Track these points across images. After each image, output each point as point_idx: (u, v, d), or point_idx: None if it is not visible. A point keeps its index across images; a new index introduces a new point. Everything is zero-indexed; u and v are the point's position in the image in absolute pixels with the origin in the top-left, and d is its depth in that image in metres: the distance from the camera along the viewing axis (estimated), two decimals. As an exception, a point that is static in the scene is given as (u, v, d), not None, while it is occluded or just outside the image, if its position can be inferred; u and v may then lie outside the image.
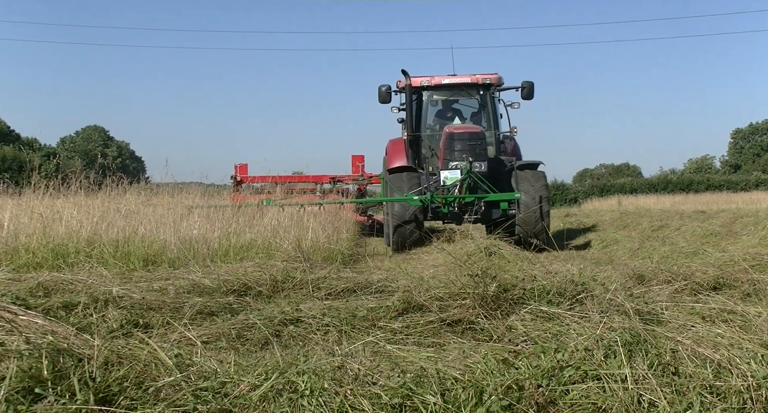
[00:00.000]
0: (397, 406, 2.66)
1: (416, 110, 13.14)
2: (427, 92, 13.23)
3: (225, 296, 5.07)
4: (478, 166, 11.50)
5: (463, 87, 13.25)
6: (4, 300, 4.00)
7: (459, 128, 12.00)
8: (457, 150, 11.56)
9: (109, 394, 2.60)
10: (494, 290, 4.30)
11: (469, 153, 11.44)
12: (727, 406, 2.69)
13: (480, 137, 11.83)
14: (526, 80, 12.85)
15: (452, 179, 11.51)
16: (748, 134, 72.90)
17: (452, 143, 11.66)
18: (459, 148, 11.58)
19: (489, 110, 13.19)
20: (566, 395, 2.76)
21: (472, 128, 12.14)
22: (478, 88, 13.22)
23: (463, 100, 13.65)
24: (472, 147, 11.58)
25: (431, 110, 13.45)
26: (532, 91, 12.80)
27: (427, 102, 13.27)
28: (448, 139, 11.71)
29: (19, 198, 9.38)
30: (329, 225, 10.55)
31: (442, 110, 13.53)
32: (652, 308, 4.06)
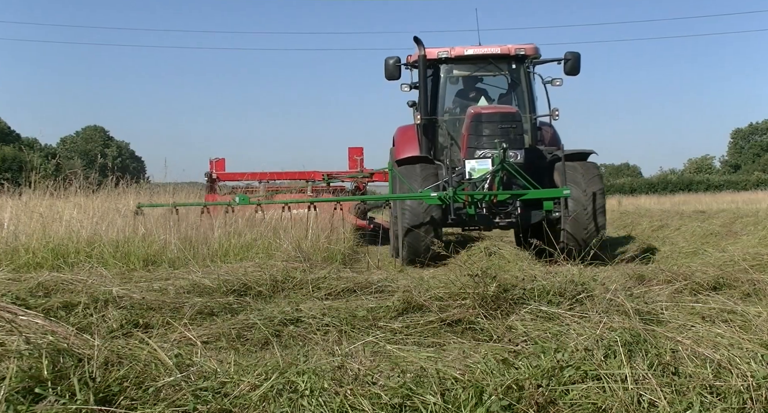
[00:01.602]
0: (397, 406, 2.65)
1: (432, 88, 10.57)
2: (446, 66, 10.64)
3: (225, 296, 5.07)
4: (514, 155, 9.15)
5: (490, 60, 10.54)
6: (4, 300, 4.01)
7: (488, 108, 9.69)
8: (486, 135, 9.28)
9: (109, 394, 2.60)
10: (494, 290, 4.30)
11: (502, 138, 9.05)
12: (727, 406, 2.69)
13: (515, 118, 9.43)
14: (570, 51, 10.31)
15: (481, 172, 9.13)
16: (748, 134, 72.92)
17: (480, 126, 9.34)
18: (488, 132, 9.28)
19: (523, 89, 10.64)
20: (566, 395, 2.76)
21: (505, 108, 9.83)
22: (510, 61, 10.60)
23: (488, 79, 11.10)
24: (505, 131, 9.24)
25: (450, 89, 10.85)
26: (578, 64, 10.28)
27: (445, 79, 10.68)
28: (474, 121, 9.38)
29: (19, 198, 9.38)
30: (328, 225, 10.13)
31: (464, 89, 10.97)
32: (652, 308, 4.06)
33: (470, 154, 9.33)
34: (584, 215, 8.96)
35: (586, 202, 9.02)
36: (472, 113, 9.50)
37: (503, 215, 9.15)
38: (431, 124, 10.49)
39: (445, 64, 10.59)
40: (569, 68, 10.24)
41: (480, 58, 10.57)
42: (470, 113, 9.55)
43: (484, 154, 9.19)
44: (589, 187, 9.14)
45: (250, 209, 9.92)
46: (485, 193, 8.96)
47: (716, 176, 53.49)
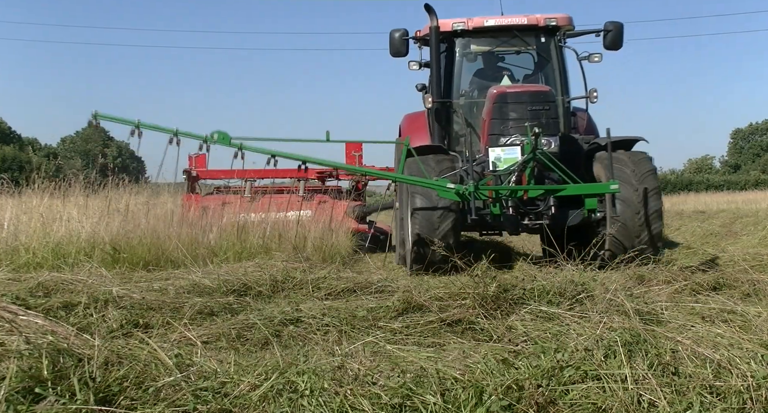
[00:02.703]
0: (397, 406, 2.66)
1: (446, 67, 8.90)
2: (462, 41, 8.93)
3: (225, 296, 5.08)
4: (547, 143, 7.53)
5: (515, 33, 8.82)
6: (4, 300, 4.01)
7: (515, 87, 8.20)
8: (513, 119, 7.70)
9: (109, 394, 2.60)
10: (494, 290, 4.30)
11: (532, 122, 7.38)
12: (727, 406, 2.69)
13: (548, 98, 7.89)
14: (611, 21, 8.60)
15: (508, 162, 7.47)
16: (748, 134, 72.92)
17: (505, 108, 7.77)
18: (516, 115, 7.71)
19: (554, 66, 8.94)
20: (566, 395, 2.76)
21: (535, 87, 8.36)
22: (539, 33, 8.85)
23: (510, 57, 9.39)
24: (536, 114, 7.66)
25: (467, 68, 9.19)
26: (621, 37, 8.59)
27: (461, 56, 9.00)
28: (498, 103, 7.82)
29: (19, 198, 9.38)
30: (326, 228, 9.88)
31: (483, 68, 9.32)
32: (652, 308, 4.06)
33: (493, 142, 7.72)
34: (635, 219, 7.29)
35: (638, 203, 7.31)
36: (495, 94, 7.91)
37: (533, 216, 7.51)
38: (445, 109, 8.86)
39: (461, 37, 8.90)
40: (610, 42, 8.54)
41: (503, 31, 8.86)
42: (493, 94, 7.96)
43: (512, 141, 7.60)
44: (642, 183, 7.41)
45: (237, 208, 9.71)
46: (514, 188, 7.26)
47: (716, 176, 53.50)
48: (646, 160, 7.72)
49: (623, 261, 5.60)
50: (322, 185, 13.02)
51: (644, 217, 7.28)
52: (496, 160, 7.58)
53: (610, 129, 7.49)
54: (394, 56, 8.87)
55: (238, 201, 10.80)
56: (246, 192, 11.75)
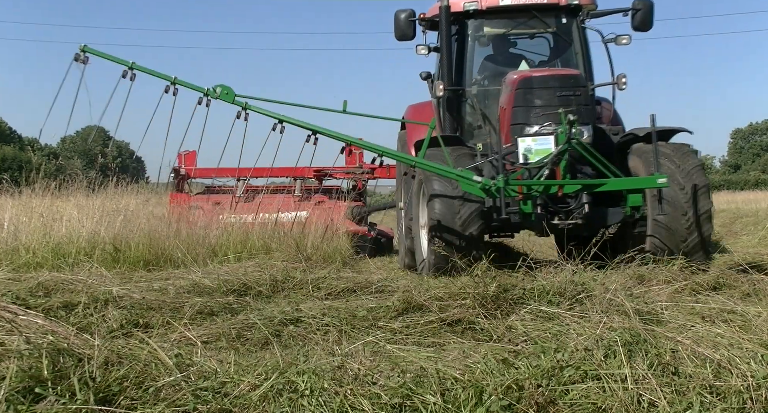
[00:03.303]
0: (397, 406, 2.66)
1: (457, 51, 8.16)
2: (475, 23, 8.14)
3: (225, 296, 5.08)
4: (579, 133, 6.68)
5: (534, 12, 8.03)
6: (4, 300, 4.01)
7: (541, 71, 7.45)
8: (539, 106, 6.97)
9: (109, 394, 2.60)
10: (494, 290, 4.30)
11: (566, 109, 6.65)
12: (727, 406, 2.69)
13: (578, 82, 7.15)
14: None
15: (539, 153, 6.64)
16: (748, 134, 72.92)
17: (530, 94, 7.04)
18: (542, 102, 6.97)
19: (576, 50, 8.11)
20: (566, 395, 2.76)
21: (564, 70, 7.63)
22: (559, 13, 8.08)
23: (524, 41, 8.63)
24: (566, 100, 6.89)
25: (478, 53, 8.39)
26: (651, 16, 7.81)
27: (473, 40, 8.20)
28: (521, 89, 7.08)
29: (19, 198, 9.38)
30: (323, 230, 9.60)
31: (495, 54, 8.53)
32: (652, 308, 4.06)
33: (515, 132, 6.93)
34: (682, 221, 6.42)
35: (685, 203, 6.46)
36: (518, 79, 7.16)
37: (563, 215, 6.66)
38: (456, 97, 8.06)
39: (473, 19, 8.11)
40: (639, 22, 7.77)
41: (519, 11, 8.07)
42: (513, 80, 7.21)
43: (539, 130, 6.81)
44: (689, 180, 6.52)
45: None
46: (549, 182, 6.49)
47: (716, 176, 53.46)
48: (691, 153, 6.85)
49: (623, 261, 5.59)
50: (320, 185, 12.43)
51: (693, 219, 6.43)
52: (526, 151, 6.71)
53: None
54: (399, 40, 8.21)
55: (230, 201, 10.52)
56: (238, 192, 11.26)
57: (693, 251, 6.38)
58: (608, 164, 6.57)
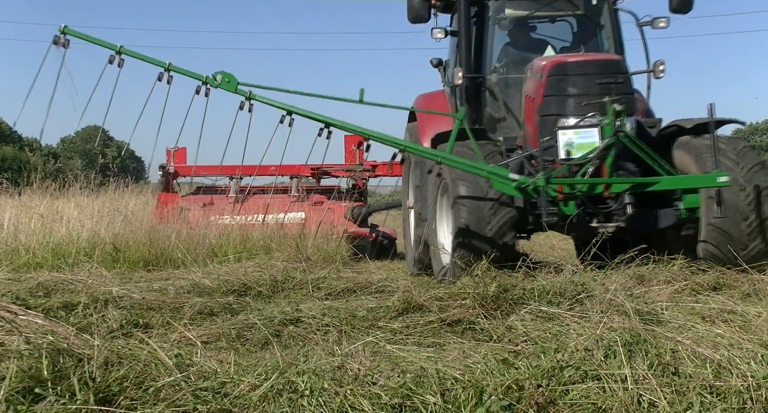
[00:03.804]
0: (397, 406, 2.66)
1: (476, 35, 7.47)
2: (495, 4, 7.44)
3: (225, 296, 5.08)
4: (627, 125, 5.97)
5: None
6: (4, 300, 4.01)
7: (577, 56, 6.77)
8: (575, 95, 6.22)
9: (109, 394, 2.60)
10: (494, 290, 4.30)
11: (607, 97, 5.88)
12: (727, 406, 2.69)
13: (619, 68, 6.42)
14: None
15: (582, 148, 5.93)
16: (748, 134, 72.89)
17: (564, 82, 6.30)
18: (578, 90, 6.23)
19: (607, 34, 7.49)
20: (566, 395, 2.76)
21: (604, 55, 7.01)
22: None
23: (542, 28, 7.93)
24: (605, 88, 6.11)
25: (498, 38, 7.67)
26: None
27: (493, 23, 7.52)
28: (555, 75, 6.35)
29: (19, 198, 9.40)
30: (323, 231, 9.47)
31: (516, 39, 7.82)
32: (652, 308, 4.06)
33: (545, 125, 6.20)
34: (742, 226, 5.68)
35: (746, 206, 5.69)
36: (549, 65, 6.45)
37: (602, 217, 5.97)
38: (475, 86, 7.37)
39: (494, 0, 7.49)
40: (677, 3, 7.14)
41: None
42: (544, 66, 6.51)
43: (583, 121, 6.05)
44: (750, 181, 5.76)
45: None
46: (597, 180, 5.81)
47: (716, 176, 53.47)
48: (750, 150, 6.09)
49: (623, 261, 5.57)
50: (318, 184, 11.78)
51: (755, 224, 5.69)
52: (567, 146, 5.98)
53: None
54: (413, 22, 7.54)
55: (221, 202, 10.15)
56: (231, 192, 10.77)
57: (754, 260, 5.58)
58: (660, 160, 5.91)
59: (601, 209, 5.96)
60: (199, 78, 5.76)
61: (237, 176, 10.70)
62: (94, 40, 5.82)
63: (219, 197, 10.67)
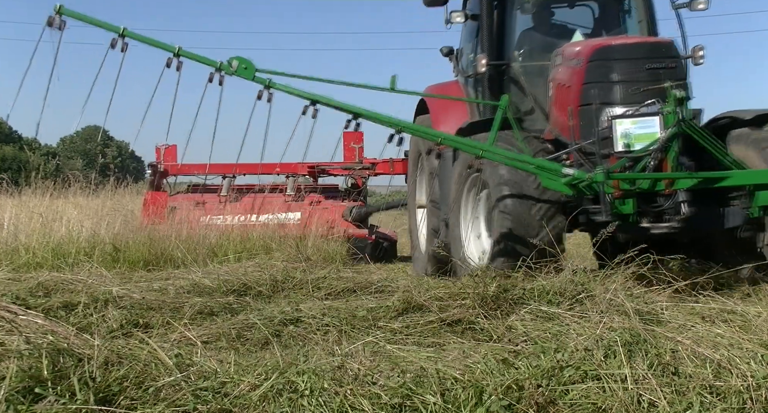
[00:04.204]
0: (397, 406, 2.66)
1: (498, 20, 6.97)
2: None
3: (225, 296, 5.08)
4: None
5: None
6: (4, 300, 4.01)
7: (622, 39, 6.26)
8: (623, 80, 5.69)
9: (109, 394, 2.60)
10: (494, 290, 4.30)
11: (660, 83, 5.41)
12: (727, 406, 2.69)
13: (671, 52, 5.86)
14: None
15: (641, 139, 5.36)
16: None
17: (607, 68, 5.78)
18: (624, 76, 5.70)
19: (639, 17, 7.05)
20: (566, 395, 2.76)
21: (653, 38, 6.57)
22: None
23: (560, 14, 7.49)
24: (655, 74, 5.63)
25: (520, 22, 7.24)
26: None
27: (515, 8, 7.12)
28: (597, 60, 5.83)
29: (19, 198, 9.40)
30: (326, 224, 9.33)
31: (537, 25, 7.35)
32: (652, 308, 4.06)
33: (585, 115, 5.69)
34: None
35: None
36: (590, 49, 5.93)
37: (652, 217, 5.40)
38: (498, 74, 6.87)
39: None
40: None
41: None
42: (580, 51, 6.02)
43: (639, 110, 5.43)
44: None
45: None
46: (663, 175, 5.22)
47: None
48: None
49: (623, 261, 5.53)
50: (315, 182, 11.24)
51: None
52: (624, 137, 5.40)
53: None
54: (429, 5, 7.25)
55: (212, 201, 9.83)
56: (223, 191, 10.37)
57: None
58: (728, 152, 5.44)
59: (654, 207, 5.36)
60: (213, 64, 5.27)
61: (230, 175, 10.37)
62: (93, 22, 5.26)
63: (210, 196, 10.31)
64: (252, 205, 9.62)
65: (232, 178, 10.43)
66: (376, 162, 10.76)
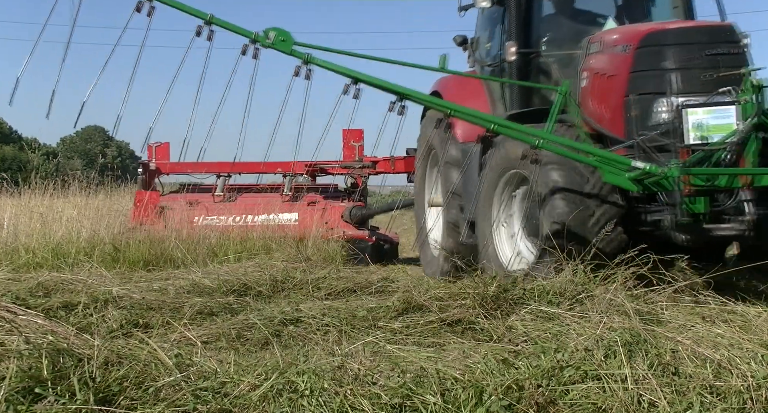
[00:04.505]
0: (397, 406, 2.66)
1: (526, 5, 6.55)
2: None
3: (225, 296, 5.08)
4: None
5: None
6: (4, 300, 4.01)
7: (677, 23, 5.88)
8: (681, 68, 5.22)
9: (109, 394, 2.60)
10: (494, 290, 4.30)
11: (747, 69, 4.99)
12: (727, 406, 2.69)
13: (732, 37, 5.33)
14: None
15: (716, 130, 4.87)
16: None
17: (660, 55, 5.32)
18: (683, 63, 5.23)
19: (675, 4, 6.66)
20: (566, 395, 2.76)
21: (712, 22, 6.07)
22: None
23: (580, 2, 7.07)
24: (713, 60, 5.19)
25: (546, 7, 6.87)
26: None
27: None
28: (649, 45, 5.40)
29: (19, 198, 9.40)
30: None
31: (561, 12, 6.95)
32: (652, 308, 4.06)
33: (633, 106, 5.26)
34: None
35: None
36: (638, 35, 5.49)
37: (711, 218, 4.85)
38: (524, 63, 6.44)
39: None
40: None
41: None
42: (626, 37, 5.61)
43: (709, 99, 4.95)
44: None
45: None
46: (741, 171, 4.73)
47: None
48: None
49: (623, 261, 5.52)
50: (313, 181, 10.78)
51: None
52: (697, 128, 4.90)
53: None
54: None
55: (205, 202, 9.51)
56: (218, 190, 9.99)
57: None
58: None
59: (715, 206, 4.82)
60: (248, 35, 4.84)
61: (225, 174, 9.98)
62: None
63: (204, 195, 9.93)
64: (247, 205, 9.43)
65: (227, 177, 10.09)
66: (377, 160, 10.30)
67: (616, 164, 4.76)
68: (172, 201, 9.65)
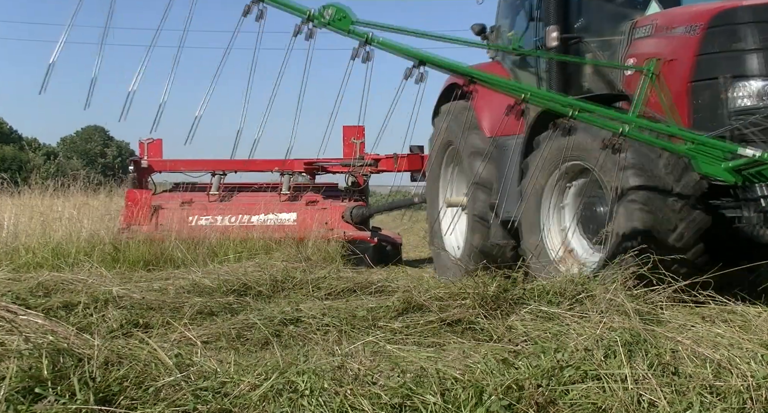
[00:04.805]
0: (397, 406, 2.66)
1: None
2: None
3: (225, 296, 5.08)
4: None
5: None
6: (4, 300, 4.01)
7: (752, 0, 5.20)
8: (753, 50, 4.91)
9: (109, 394, 2.60)
10: (494, 290, 4.30)
11: None
12: (727, 406, 2.69)
13: None
14: None
15: None
16: (748, 134, 72.84)
17: (735, 34, 4.99)
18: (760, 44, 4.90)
19: None
20: (566, 395, 2.76)
21: None
22: None
23: None
24: None
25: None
26: None
27: None
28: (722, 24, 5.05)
29: (19, 198, 9.41)
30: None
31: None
32: (652, 308, 4.06)
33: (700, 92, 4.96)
34: None
35: None
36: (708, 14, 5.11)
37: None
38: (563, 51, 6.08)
39: None
40: None
41: None
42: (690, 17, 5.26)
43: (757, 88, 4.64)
44: None
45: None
46: None
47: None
48: None
49: (623, 261, 5.51)
50: (312, 181, 10.40)
51: None
52: None
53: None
54: None
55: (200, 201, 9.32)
56: (213, 189, 9.66)
57: None
58: None
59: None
60: (303, 13, 4.42)
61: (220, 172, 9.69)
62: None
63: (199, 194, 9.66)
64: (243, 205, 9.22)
65: (222, 175, 9.78)
66: (379, 158, 9.84)
67: (715, 152, 4.27)
68: (166, 200, 9.48)
